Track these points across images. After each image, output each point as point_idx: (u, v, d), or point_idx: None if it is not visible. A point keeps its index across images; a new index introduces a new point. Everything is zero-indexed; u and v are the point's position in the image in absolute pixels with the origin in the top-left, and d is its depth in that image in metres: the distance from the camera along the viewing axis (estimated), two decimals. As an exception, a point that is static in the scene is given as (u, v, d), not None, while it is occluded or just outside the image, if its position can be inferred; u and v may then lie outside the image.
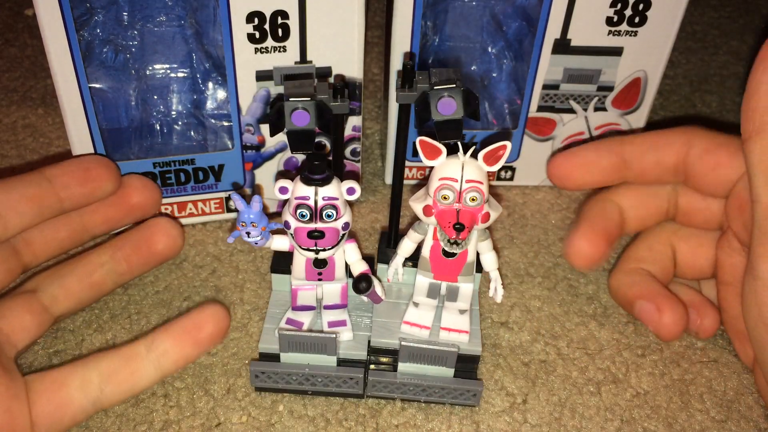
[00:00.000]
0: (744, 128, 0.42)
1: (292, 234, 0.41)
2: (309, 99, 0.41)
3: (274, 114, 0.42)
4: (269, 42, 0.48)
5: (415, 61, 0.52)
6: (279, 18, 0.47)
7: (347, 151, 0.55)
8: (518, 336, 0.50)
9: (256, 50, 0.48)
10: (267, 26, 0.47)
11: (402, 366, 0.45)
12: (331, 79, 0.51)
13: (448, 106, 0.41)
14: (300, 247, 0.42)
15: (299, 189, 0.40)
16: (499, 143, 0.40)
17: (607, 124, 0.57)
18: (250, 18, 0.47)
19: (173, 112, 0.55)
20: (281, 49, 0.49)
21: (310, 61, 0.50)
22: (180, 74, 0.55)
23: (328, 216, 0.40)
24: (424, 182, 0.43)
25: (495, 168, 0.40)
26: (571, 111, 0.56)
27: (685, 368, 0.48)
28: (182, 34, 0.53)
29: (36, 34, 0.76)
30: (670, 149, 0.48)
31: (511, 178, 0.60)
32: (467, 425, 0.44)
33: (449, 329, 0.45)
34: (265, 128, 0.52)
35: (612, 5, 0.50)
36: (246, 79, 0.50)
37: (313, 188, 0.40)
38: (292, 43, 0.48)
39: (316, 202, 0.40)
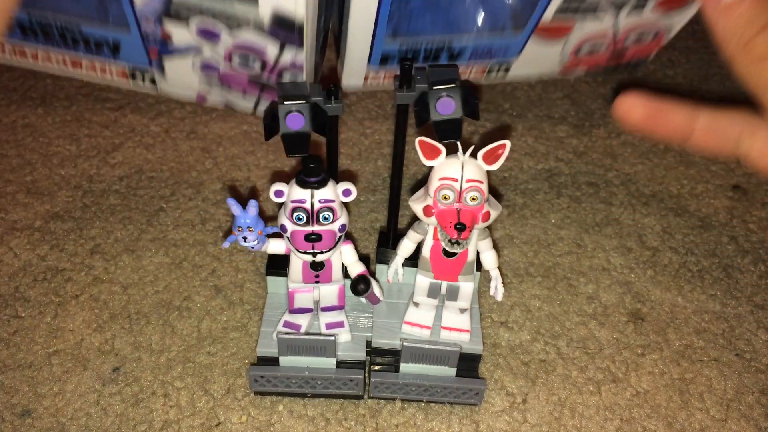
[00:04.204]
0: None
1: (288, 237, 0.41)
2: (303, 102, 0.40)
3: (268, 117, 0.41)
4: None
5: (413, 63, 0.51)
6: None
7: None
8: (518, 335, 0.50)
9: None
10: None
11: (404, 366, 0.45)
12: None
13: (447, 106, 0.41)
14: (297, 250, 0.41)
15: (295, 192, 0.40)
16: (498, 142, 0.40)
17: (634, 27, 0.51)
18: None
19: None
20: None
21: None
22: None
23: (325, 218, 0.40)
24: (423, 181, 0.43)
25: (495, 167, 0.40)
26: (594, 10, 0.50)
27: (685, 367, 0.48)
28: None
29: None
30: None
31: (503, 78, 0.56)
32: (467, 425, 0.44)
33: (450, 328, 0.45)
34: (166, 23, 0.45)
35: None
36: None
37: (309, 191, 0.39)
38: None
39: (312, 205, 0.40)
